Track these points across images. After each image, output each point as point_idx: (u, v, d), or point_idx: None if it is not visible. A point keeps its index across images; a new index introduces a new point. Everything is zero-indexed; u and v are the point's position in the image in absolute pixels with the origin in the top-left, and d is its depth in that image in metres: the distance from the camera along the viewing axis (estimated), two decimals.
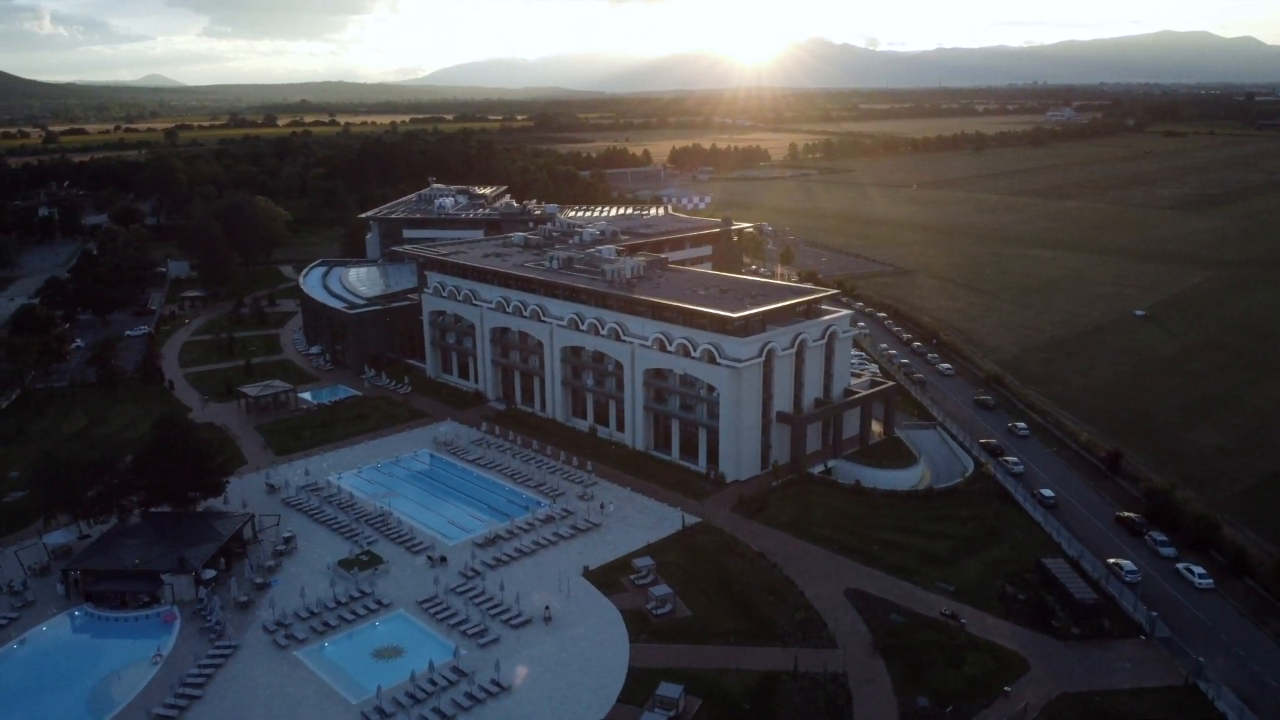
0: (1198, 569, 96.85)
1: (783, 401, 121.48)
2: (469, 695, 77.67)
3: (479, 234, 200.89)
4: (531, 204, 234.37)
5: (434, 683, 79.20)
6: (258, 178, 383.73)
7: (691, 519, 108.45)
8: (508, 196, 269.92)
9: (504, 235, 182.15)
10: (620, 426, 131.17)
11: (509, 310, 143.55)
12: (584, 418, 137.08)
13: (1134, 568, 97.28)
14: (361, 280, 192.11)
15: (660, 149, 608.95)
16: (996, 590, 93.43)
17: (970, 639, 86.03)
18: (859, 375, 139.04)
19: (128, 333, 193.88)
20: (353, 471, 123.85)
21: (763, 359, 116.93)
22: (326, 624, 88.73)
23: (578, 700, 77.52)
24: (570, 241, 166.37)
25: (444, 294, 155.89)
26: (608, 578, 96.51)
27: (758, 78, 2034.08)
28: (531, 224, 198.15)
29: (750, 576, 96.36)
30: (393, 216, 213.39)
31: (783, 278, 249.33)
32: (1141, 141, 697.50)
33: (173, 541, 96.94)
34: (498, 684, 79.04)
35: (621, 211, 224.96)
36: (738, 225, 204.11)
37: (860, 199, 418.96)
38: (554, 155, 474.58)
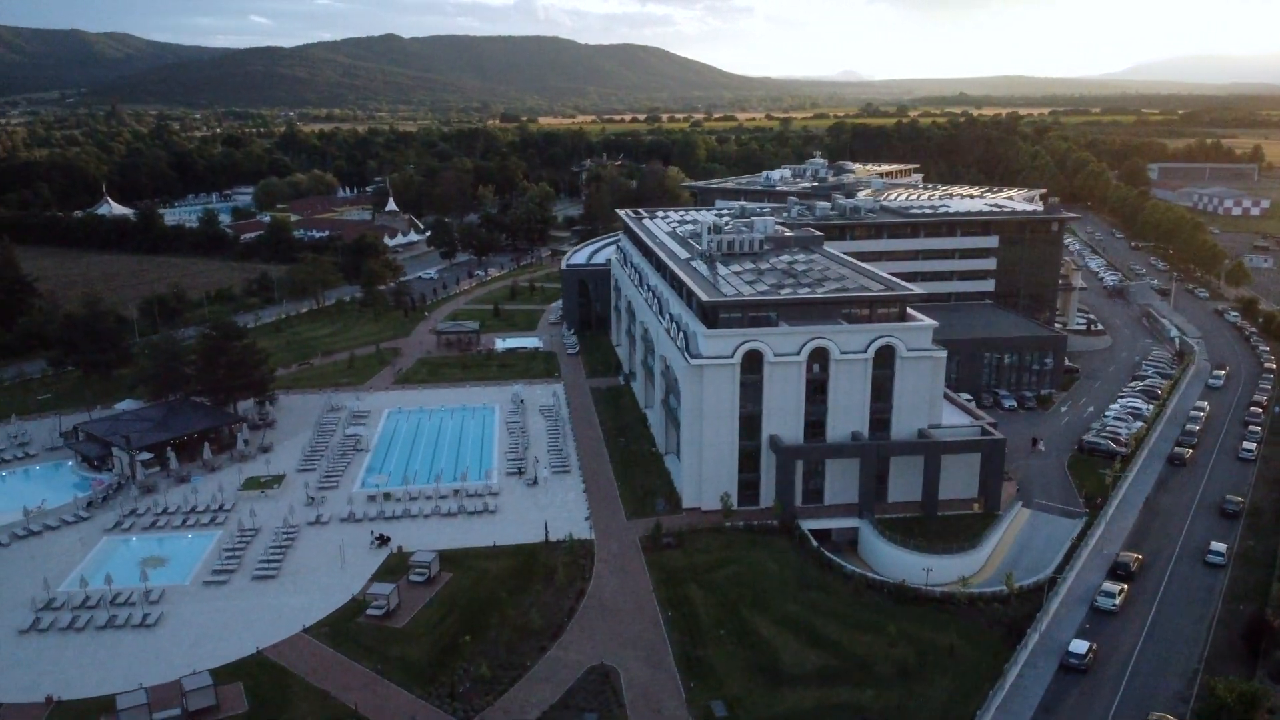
0: None
1: (787, 425, 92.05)
2: (112, 619, 76.01)
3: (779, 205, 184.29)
4: (852, 177, 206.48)
5: (115, 598, 78.95)
6: (741, 154, 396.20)
7: (583, 535, 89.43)
8: (917, 177, 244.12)
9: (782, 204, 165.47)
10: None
11: (631, 278, 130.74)
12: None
13: None
14: None
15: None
16: None
17: None
18: (979, 418, 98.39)
19: (477, 271, 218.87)
20: (413, 409, 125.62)
21: (736, 362, 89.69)
22: (155, 523, 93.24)
23: (173, 660, 70.92)
24: (798, 214, 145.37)
25: (618, 259, 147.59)
26: (404, 565, 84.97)
27: None
28: (843, 196, 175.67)
29: (515, 615, 76.77)
30: (711, 186, 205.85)
31: (1176, 291, 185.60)
32: None
33: (158, 425, 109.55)
34: (145, 621, 75.94)
35: (974, 195, 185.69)
36: (1066, 215, 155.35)
37: None
38: (1103, 145, 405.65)
